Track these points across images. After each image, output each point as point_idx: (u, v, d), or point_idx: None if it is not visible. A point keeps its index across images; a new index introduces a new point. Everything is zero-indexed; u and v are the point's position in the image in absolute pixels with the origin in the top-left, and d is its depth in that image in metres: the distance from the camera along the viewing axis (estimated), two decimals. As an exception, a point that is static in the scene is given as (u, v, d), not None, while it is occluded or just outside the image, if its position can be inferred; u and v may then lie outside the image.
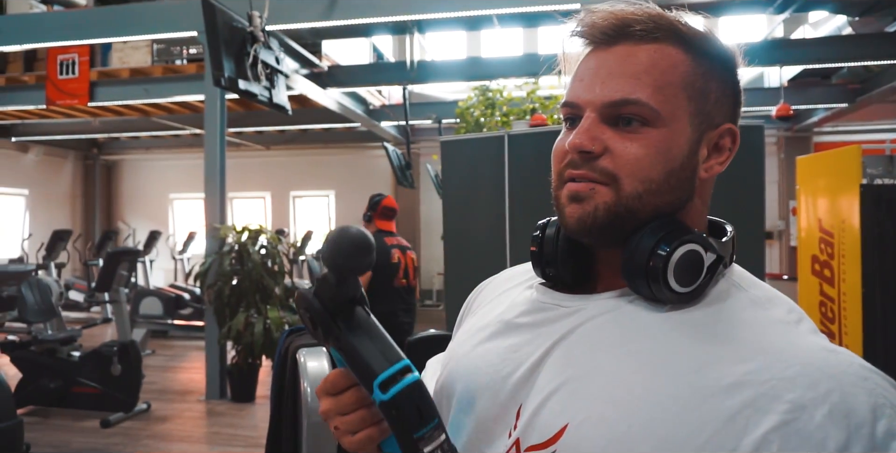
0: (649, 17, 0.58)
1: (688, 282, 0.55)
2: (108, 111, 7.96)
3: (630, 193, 0.56)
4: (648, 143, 0.56)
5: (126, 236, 11.23)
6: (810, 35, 6.83)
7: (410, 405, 0.52)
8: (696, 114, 0.58)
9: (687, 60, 0.58)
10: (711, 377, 0.50)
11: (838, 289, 3.19)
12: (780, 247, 9.52)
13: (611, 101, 0.57)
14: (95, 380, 4.23)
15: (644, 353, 0.53)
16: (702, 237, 0.57)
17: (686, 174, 0.58)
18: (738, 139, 0.61)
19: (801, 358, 0.49)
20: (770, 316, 0.55)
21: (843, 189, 3.15)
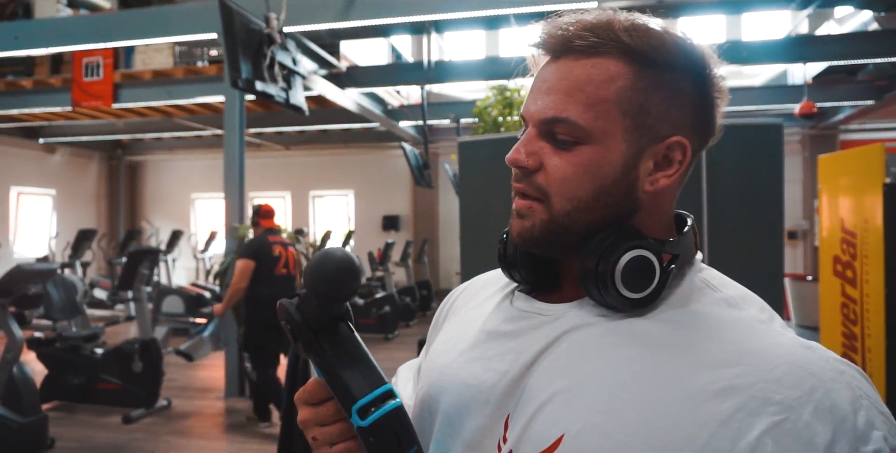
0: (594, 30, 0.56)
1: (639, 288, 0.55)
2: (131, 112, 8.10)
3: (559, 211, 0.57)
4: (577, 162, 0.56)
5: (149, 235, 11.42)
6: (835, 31, 6.70)
7: (389, 432, 0.51)
8: (634, 129, 0.57)
9: (626, 74, 0.56)
10: (702, 382, 0.50)
11: (861, 291, 3.13)
12: (805, 247, 9.36)
13: (544, 118, 0.57)
14: (118, 377, 4.31)
15: (634, 361, 0.53)
16: (649, 242, 0.57)
17: (621, 190, 0.57)
18: (690, 151, 0.58)
19: (783, 357, 0.50)
20: (747, 316, 0.55)
21: (865, 188, 3.09)
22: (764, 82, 8.43)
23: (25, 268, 3.56)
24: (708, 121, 0.60)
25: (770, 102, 7.78)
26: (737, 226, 3.07)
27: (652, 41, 0.57)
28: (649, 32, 0.57)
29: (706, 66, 0.59)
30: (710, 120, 0.60)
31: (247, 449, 3.79)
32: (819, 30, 7.25)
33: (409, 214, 10.85)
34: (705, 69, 0.59)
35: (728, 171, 2.93)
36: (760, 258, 3.07)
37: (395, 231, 10.76)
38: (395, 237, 10.11)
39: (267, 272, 3.94)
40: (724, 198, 3.01)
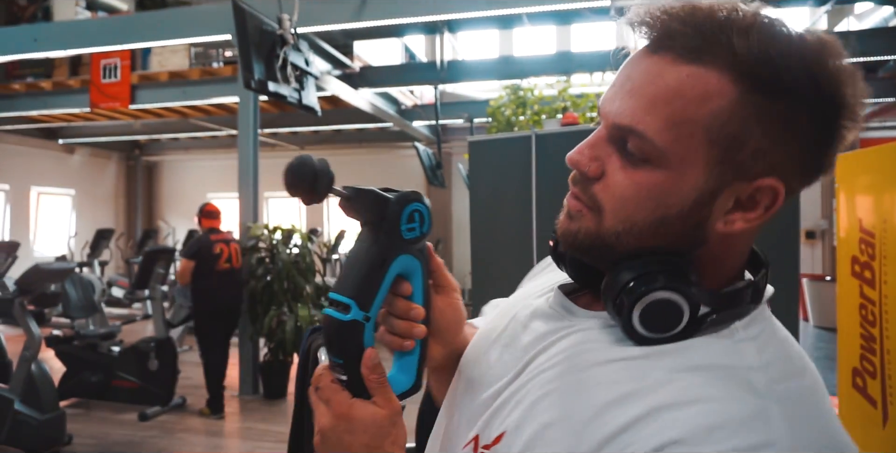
0: (703, 27, 0.47)
1: (659, 329, 0.50)
2: (148, 113, 8.20)
3: (609, 229, 0.52)
4: (641, 183, 0.50)
5: (166, 235, 11.55)
6: (855, 27, 6.59)
7: (327, 330, 0.57)
8: (720, 162, 0.48)
9: (728, 94, 0.46)
10: (603, 425, 0.47)
11: (879, 292, 3.07)
12: (823, 247, 9.23)
13: (618, 124, 0.50)
14: (134, 375, 4.36)
15: (570, 395, 0.51)
16: (687, 288, 0.49)
17: (686, 224, 0.50)
18: (781, 199, 0.49)
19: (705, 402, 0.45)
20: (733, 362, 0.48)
21: (885, 187, 3.03)
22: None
23: (43, 268, 3.62)
24: (820, 162, 0.50)
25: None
26: (752, 226, 3.04)
27: (774, 54, 0.46)
28: (775, 40, 0.46)
29: (838, 89, 0.47)
30: (825, 160, 0.50)
31: (261, 447, 3.81)
32: (838, 26, 7.14)
33: (422, 214, 10.85)
34: (836, 95, 0.47)
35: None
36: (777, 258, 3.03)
37: (409, 231, 10.76)
38: (408, 237, 10.11)
39: (208, 268, 4.37)
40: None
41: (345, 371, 0.57)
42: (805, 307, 7.91)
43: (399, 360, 0.61)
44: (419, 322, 0.60)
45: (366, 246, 0.57)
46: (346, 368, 0.56)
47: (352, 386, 0.57)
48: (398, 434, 0.58)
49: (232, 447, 3.87)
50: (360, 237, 0.58)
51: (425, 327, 0.61)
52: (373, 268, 0.56)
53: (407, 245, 0.58)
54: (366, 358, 0.56)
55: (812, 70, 0.46)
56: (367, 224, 0.57)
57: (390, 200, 0.56)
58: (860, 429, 2.92)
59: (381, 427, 0.56)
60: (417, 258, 0.59)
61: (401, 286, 0.60)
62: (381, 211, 0.56)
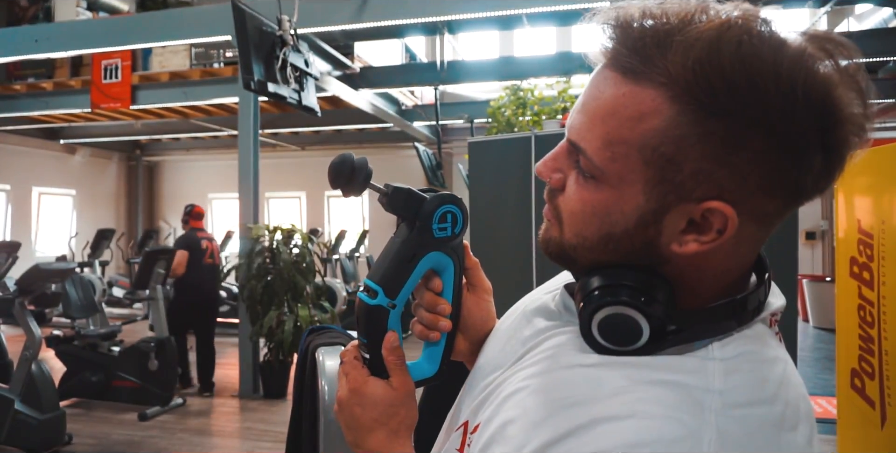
0: (642, 44, 0.44)
1: (620, 342, 0.49)
2: (149, 113, 8.21)
3: (567, 242, 0.53)
4: (587, 200, 0.50)
5: (167, 235, 11.56)
6: (855, 28, 6.60)
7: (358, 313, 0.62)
8: (659, 182, 0.46)
9: (663, 113, 0.44)
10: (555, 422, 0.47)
11: (878, 293, 3.07)
12: (823, 248, 9.22)
13: (569, 139, 0.51)
14: (134, 375, 4.37)
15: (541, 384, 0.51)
16: (644, 305, 0.48)
17: (633, 242, 0.49)
18: (734, 222, 0.46)
19: None
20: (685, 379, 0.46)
21: (883, 188, 3.04)
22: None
23: (43, 267, 3.63)
24: (793, 184, 0.45)
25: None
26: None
27: (712, 71, 0.42)
28: (724, 56, 0.42)
29: (823, 100, 0.43)
30: (799, 182, 0.45)
31: (260, 448, 3.82)
32: (838, 27, 7.14)
33: (423, 214, 10.86)
34: (819, 107, 0.43)
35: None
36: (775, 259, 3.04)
37: (410, 231, 10.77)
38: (409, 237, 10.12)
39: (196, 261, 4.83)
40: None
41: (367, 350, 0.61)
42: (805, 308, 7.91)
43: (426, 349, 0.65)
44: (447, 316, 0.63)
45: (399, 240, 0.61)
46: (369, 348, 0.61)
47: (372, 365, 0.61)
48: (407, 415, 0.61)
49: (232, 447, 3.88)
50: (397, 231, 0.62)
51: (450, 322, 0.64)
52: (402, 260, 0.60)
53: (439, 243, 0.61)
54: (386, 341, 0.61)
55: (781, 88, 0.42)
56: (403, 219, 0.61)
57: (425, 200, 0.60)
58: (859, 430, 2.93)
59: (390, 405, 0.60)
60: (450, 256, 0.63)
61: (432, 281, 0.64)
62: (416, 209, 0.60)
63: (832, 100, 0.43)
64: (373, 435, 0.60)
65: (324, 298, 5.15)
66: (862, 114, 0.45)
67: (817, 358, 6.02)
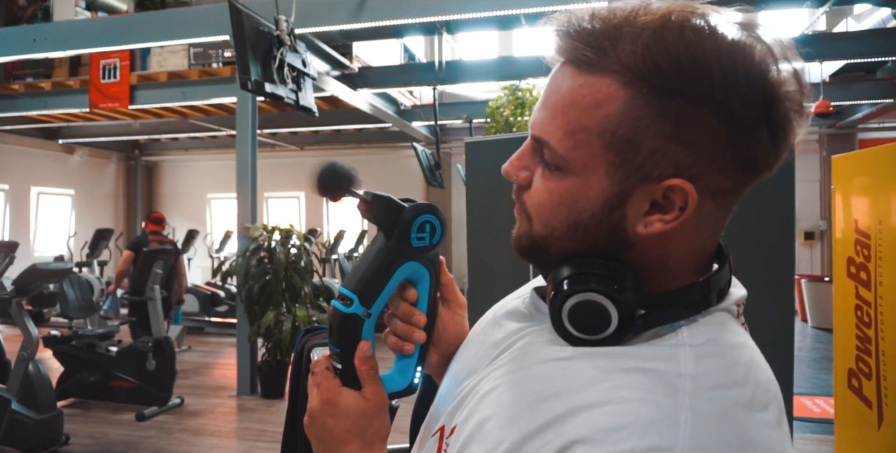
0: (594, 38, 0.48)
1: (590, 331, 0.50)
2: (148, 113, 8.21)
3: (537, 234, 0.55)
4: (555, 190, 0.52)
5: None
6: (853, 28, 6.60)
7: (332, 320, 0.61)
8: (620, 165, 0.49)
9: (618, 99, 0.47)
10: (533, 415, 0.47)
11: (875, 293, 3.08)
12: (822, 248, 9.23)
13: (533, 135, 0.53)
14: (131, 375, 4.37)
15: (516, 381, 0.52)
16: (610, 290, 0.49)
17: (601, 228, 0.51)
18: (693, 198, 0.48)
19: None
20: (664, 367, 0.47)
21: (880, 188, 3.04)
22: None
23: (41, 267, 3.63)
24: (744, 159, 0.48)
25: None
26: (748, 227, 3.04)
27: (660, 56, 0.46)
28: (666, 41, 0.46)
29: (761, 82, 0.46)
30: (749, 156, 0.48)
31: (258, 448, 3.82)
32: (836, 27, 7.15)
33: (422, 214, 10.87)
34: (758, 88, 0.46)
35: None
36: (772, 259, 3.04)
37: (408, 231, 10.78)
38: (407, 237, 10.13)
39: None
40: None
41: (340, 360, 0.60)
42: (804, 308, 7.92)
43: (399, 361, 0.64)
44: (421, 328, 0.63)
45: (377, 248, 0.60)
46: (342, 357, 0.60)
47: (344, 375, 0.60)
48: (381, 426, 0.60)
49: (229, 447, 3.87)
50: (375, 238, 0.61)
51: (425, 334, 0.63)
52: (379, 269, 0.59)
53: (416, 253, 0.60)
54: (359, 350, 0.59)
55: (723, 69, 0.45)
56: (382, 228, 0.60)
57: (404, 208, 0.59)
58: (856, 430, 2.93)
59: (363, 416, 0.59)
60: (426, 267, 0.62)
61: (407, 291, 0.63)
62: (395, 217, 0.59)
63: (770, 78, 0.47)
64: (346, 447, 0.58)
65: (322, 298, 5.15)
66: (798, 91, 0.48)
67: (815, 359, 6.03)
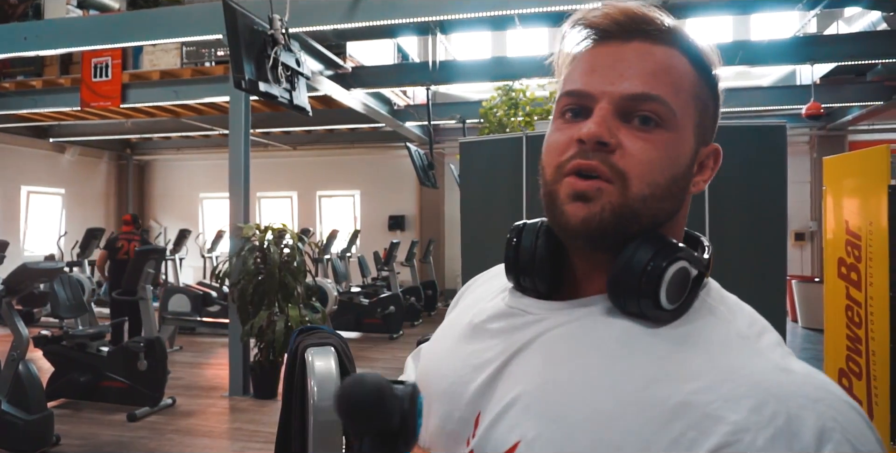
0: (661, 19, 0.56)
1: (675, 299, 0.53)
2: (139, 112, 8.16)
3: (636, 195, 0.54)
4: (660, 145, 0.54)
5: (157, 234, 11.50)
6: (844, 31, 6.65)
7: None
8: (699, 126, 0.57)
9: (692, 70, 0.57)
10: (659, 396, 0.48)
11: (865, 293, 3.10)
12: (812, 249, 9.29)
13: (632, 93, 0.54)
14: (123, 375, 4.34)
15: (596, 368, 0.52)
16: (691, 254, 0.55)
17: (685, 183, 0.57)
18: (720, 159, 0.60)
19: (750, 377, 0.48)
20: (729, 330, 0.52)
21: (871, 190, 3.06)
22: (772, 82, 8.38)
23: (31, 267, 3.60)
24: (715, 123, 0.60)
25: (778, 103, 7.73)
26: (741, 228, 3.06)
27: (698, 43, 0.57)
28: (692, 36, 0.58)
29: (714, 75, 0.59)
30: (715, 122, 0.61)
31: (250, 448, 3.81)
32: (827, 30, 7.20)
33: (414, 214, 10.87)
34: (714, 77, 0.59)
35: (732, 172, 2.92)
36: (764, 259, 3.06)
37: (401, 231, 10.78)
38: (400, 237, 10.12)
39: (112, 257, 6.22)
40: (727, 200, 3.00)
41: None
42: (794, 308, 7.96)
43: None
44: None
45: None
46: None
47: None
48: None
49: (222, 447, 3.86)
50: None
51: None
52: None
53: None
54: None
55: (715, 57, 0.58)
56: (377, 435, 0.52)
57: (399, 396, 0.53)
58: (845, 430, 2.93)
59: None
60: None
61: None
62: (397, 411, 0.52)
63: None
64: None
65: (315, 298, 5.14)
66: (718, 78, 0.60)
67: (805, 359, 6.01)
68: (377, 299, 7.39)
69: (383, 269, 8.32)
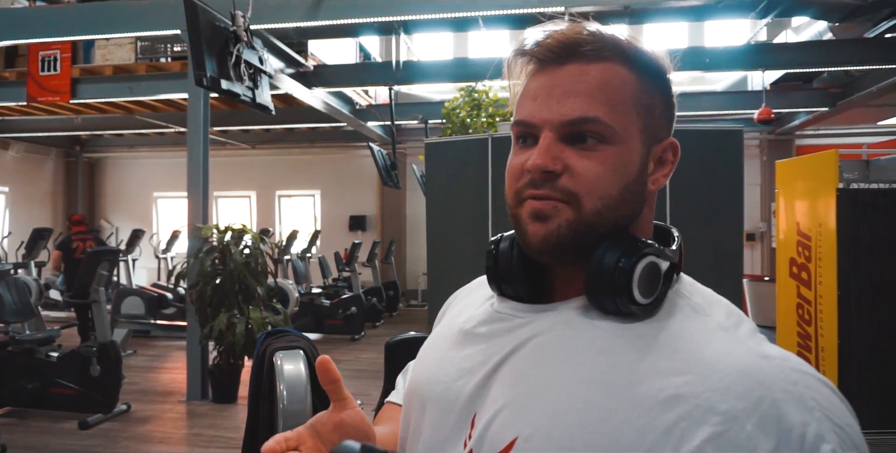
0: (595, 37, 0.58)
1: (649, 293, 0.56)
2: (90, 108, 7.87)
3: (590, 210, 0.57)
4: (606, 160, 0.57)
5: (109, 235, 11.12)
6: (792, 39, 6.91)
7: None
8: (644, 129, 0.59)
9: (633, 78, 0.59)
10: (650, 390, 0.51)
11: (815, 292, 3.23)
12: (762, 249, 9.63)
13: (569, 119, 0.57)
14: (74, 381, 4.18)
15: (587, 367, 0.54)
16: (658, 248, 0.58)
17: (639, 188, 0.60)
18: (679, 151, 0.63)
19: (734, 366, 0.50)
20: (709, 322, 0.55)
21: (820, 193, 3.19)
22: (725, 88, 8.65)
23: (-24, 269, 3.43)
24: (672, 119, 0.64)
25: (731, 108, 7.99)
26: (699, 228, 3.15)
27: (641, 48, 0.60)
28: (634, 41, 0.60)
29: (669, 74, 0.62)
30: (671, 119, 0.64)
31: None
32: (777, 38, 7.48)
33: (376, 215, 10.81)
34: (670, 79, 0.62)
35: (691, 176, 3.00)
36: (721, 260, 3.16)
37: (362, 231, 10.70)
38: (361, 237, 10.05)
39: (68, 257, 6.28)
40: (686, 201, 3.08)
41: None
42: (746, 306, 8.24)
43: None
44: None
45: None
46: None
47: None
48: None
49: (179, 454, 3.76)
50: None
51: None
52: None
53: None
54: None
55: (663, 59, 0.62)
56: None
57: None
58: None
59: None
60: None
61: None
62: None
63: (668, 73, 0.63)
64: None
65: (276, 300, 5.05)
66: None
67: (757, 355, 6.27)
68: (338, 300, 7.31)
69: (344, 270, 8.24)
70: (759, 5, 5.14)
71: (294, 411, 1.55)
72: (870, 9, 5.10)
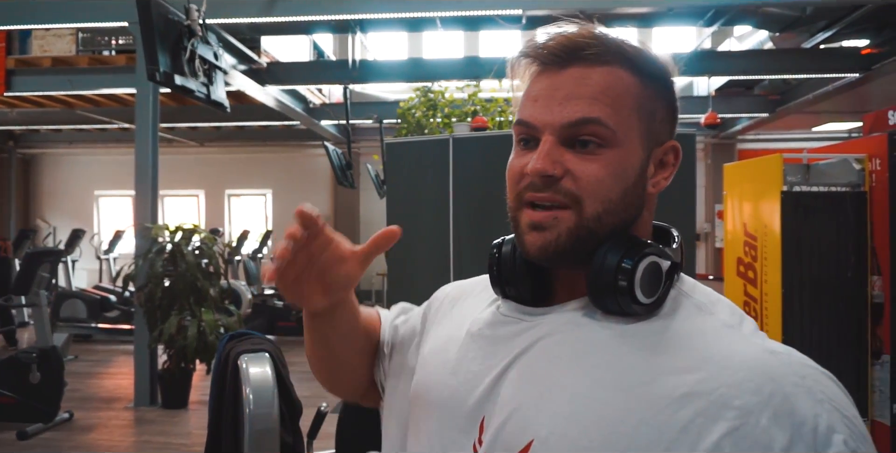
0: (598, 40, 0.59)
1: (651, 293, 0.57)
2: (26, 102, 7.49)
3: (591, 214, 0.58)
4: (607, 164, 0.58)
5: (46, 235, 10.59)
6: (736, 48, 7.20)
7: None
8: (645, 133, 0.60)
9: (636, 82, 0.59)
10: (665, 388, 0.52)
11: (760, 290, 3.38)
12: (707, 249, 9.99)
13: (570, 121, 0.57)
14: (11, 389, 3.96)
15: (600, 367, 0.55)
16: (658, 248, 0.59)
17: (638, 191, 0.60)
18: (680, 154, 0.64)
19: (745, 363, 0.52)
20: (715, 321, 0.57)
21: (766, 195, 3.34)
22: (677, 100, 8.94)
23: None
24: (674, 125, 0.65)
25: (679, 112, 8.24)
26: (652, 230, 3.24)
27: (645, 53, 0.60)
28: (639, 45, 0.61)
29: (673, 79, 0.63)
30: (673, 125, 0.65)
31: (160, 462, 3.60)
32: (721, 46, 7.78)
33: (329, 215, 10.67)
34: (673, 84, 0.63)
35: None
36: (673, 260, 3.26)
37: (316, 231, 10.54)
38: (315, 238, 9.89)
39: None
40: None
41: None
42: (691, 304, 8.52)
43: None
44: None
45: None
46: None
47: None
48: None
49: (127, 462, 3.62)
50: None
51: None
52: None
53: None
54: None
55: (667, 63, 0.62)
56: None
57: None
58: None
59: None
60: None
61: None
62: None
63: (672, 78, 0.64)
64: None
65: (228, 301, 4.93)
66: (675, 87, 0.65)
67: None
68: (292, 301, 7.17)
69: (298, 271, 8.09)
70: (707, 14, 5.33)
71: (260, 415, 1.52)
72: (807, 21, 5.37)
